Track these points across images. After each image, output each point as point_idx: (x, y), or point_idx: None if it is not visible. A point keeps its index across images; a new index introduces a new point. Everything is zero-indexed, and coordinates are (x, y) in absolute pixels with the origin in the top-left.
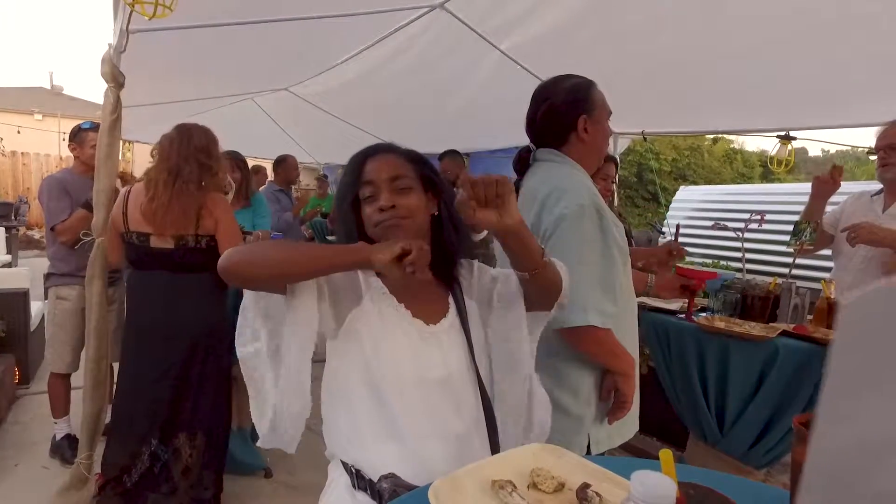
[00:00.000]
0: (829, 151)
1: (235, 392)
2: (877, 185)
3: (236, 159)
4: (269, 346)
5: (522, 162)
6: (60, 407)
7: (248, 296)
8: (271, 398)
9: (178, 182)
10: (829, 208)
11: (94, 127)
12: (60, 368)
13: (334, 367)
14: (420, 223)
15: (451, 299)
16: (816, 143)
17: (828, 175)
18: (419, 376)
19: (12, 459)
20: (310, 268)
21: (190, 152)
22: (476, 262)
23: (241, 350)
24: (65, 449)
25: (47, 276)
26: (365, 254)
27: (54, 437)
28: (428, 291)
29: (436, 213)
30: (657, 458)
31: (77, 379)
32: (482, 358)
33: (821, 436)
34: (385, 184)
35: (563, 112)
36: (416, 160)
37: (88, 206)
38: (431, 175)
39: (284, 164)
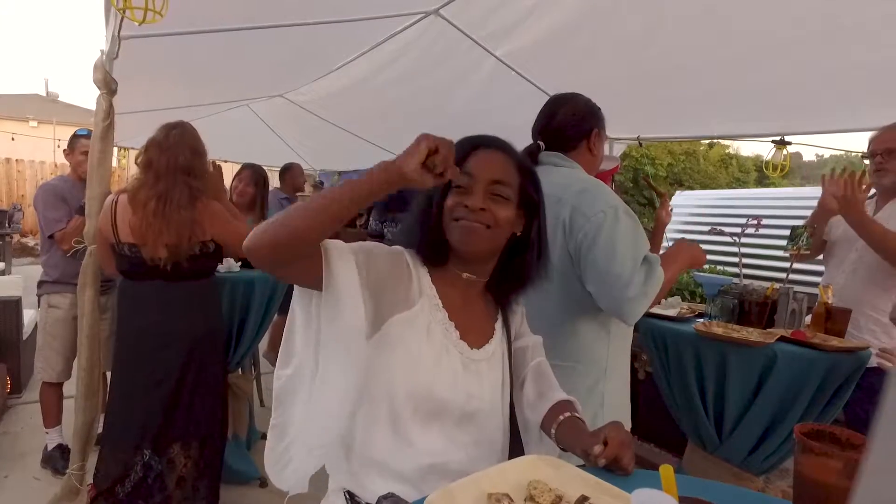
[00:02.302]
0: (823, 156)
1: (231, 400)
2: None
3: (256, 175)
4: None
5: (532, 157)
6: (52, 416)
7: (294, 300)
8: (296, 420)
9: (168, 206)
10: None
11: (88, 133)
12: (51, 377)
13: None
14: (498, 237)
15: (498, 322)
16: (811, 147)
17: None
18: (450, 407)
19: (2, 471)
20: (343, 201)
21: (178, 175)
22: (524, 312)
23: (278, 373)
24: (56, 459)
25: (40, 284)
26: (394, 168)
27: (46, 447)
28: (478, 308)
29: (518, 234)
30: (655, 466)
31: (69, 388)
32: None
33: (869, 487)
34: (484, 184)
35: (582, 119)
36: (526, 172)
37: (83, 212)
38: (533, 193)
39: (291, 172)
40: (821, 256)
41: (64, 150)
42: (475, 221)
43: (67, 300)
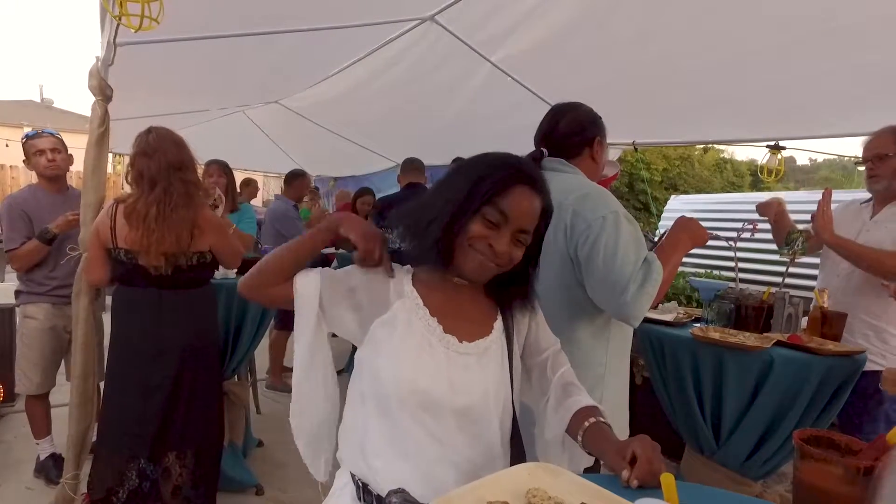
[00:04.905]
0: (816, 160)
1: (228, 407)
2: (866, 194)
3: (223, 167)
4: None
5: (534, 164)
6: (41, 427)
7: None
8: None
9: (168, 207)
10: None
11: (36, 133)
12: (29, 390)
13: (356, 373)
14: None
15: (497, 322)
16: (804, 152)
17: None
18: (435, 400)
19: None
20: (296, 254)
21: (171, 173)
22: (540, 312)
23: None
24: (50, 468)
25: (16, 294)
26: (333, 231)
27: (38, 456)
28: (473, 308)
29: None
30: None
31: (62, 396)
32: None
33: None
34: (514, 230)
35: (584, 128)
36: (547, 214)
37: (43, 238)
38: (542, 230)
39: (302, 180)
40: (815, 259)
41: (23, 160)
42: (492, 262)
43: (42, 310)
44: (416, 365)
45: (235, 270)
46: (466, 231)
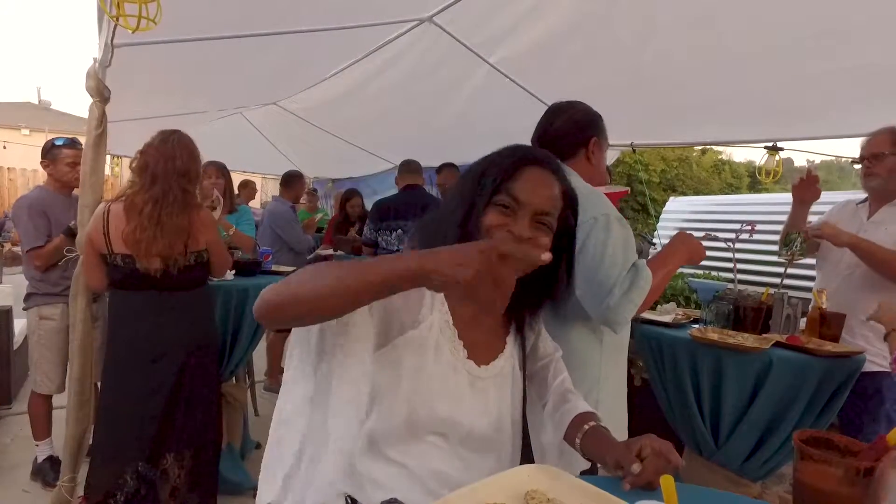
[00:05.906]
0: (814, 161)
1: (226, 409)
2: (861, 194)
3: (222, 167)
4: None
5: None
6: (42, 429)
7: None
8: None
9: (163, 211)
10: (814, 217)
11: (69, 143)
12: (50, 390)
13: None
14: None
15: (510, 336)
16: (802, 153)
17: (804, 179)
18: (450, 424)
19: None
20: (363, 293)
21: (174, 178)
22: (541, 320)
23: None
24: (47, 471)
25: (28, 297)
26: (428, 267)
27: (36, 459)
28: (489, 321)
29: None
30: None
31: (60, 399)
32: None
33: None
34: (531, 212)
35: (581, 128)
36: (571, 200)
37: (70, 233)
38: (570, 221)
39: (300, 181)
40: (812, 259)
41: (42, 161)
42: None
43: (59, 311)
44: (442, 393)
45: (233, 272)
46: (482, 225)
